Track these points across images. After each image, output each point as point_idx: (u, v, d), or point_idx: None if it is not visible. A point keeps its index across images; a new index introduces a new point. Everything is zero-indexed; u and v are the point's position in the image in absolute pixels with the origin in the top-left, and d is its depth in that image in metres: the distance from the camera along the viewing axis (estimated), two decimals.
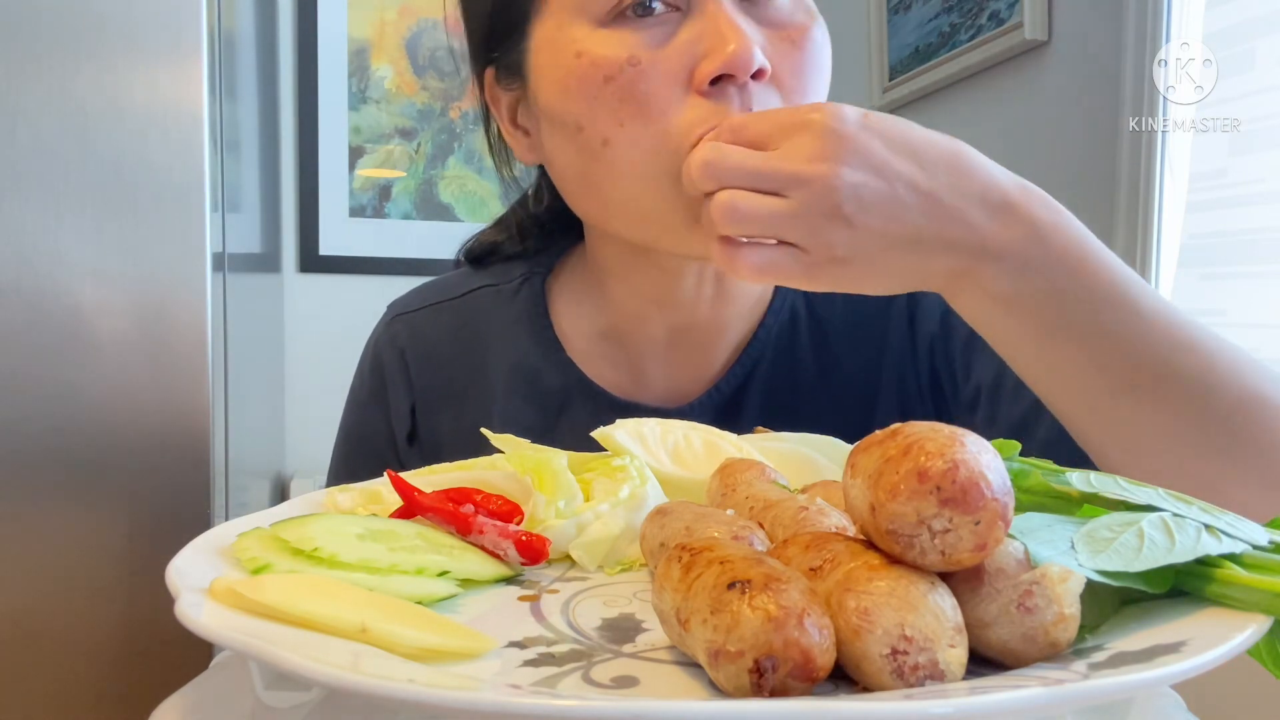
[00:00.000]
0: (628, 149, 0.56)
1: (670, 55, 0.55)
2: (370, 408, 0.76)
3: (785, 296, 0.71)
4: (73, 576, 1.27)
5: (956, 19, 1.89)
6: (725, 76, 0.54)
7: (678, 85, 0.55)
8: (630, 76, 0.54)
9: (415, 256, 2.22)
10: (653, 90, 0.54)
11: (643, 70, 0.54)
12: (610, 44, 0.55)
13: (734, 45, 0.53)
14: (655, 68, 0.54)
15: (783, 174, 0.46)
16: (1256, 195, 1.30)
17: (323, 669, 0.25)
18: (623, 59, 0.55)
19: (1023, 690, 0.24)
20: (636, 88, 0.54)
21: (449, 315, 0.75)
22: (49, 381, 1.26)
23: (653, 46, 0.55)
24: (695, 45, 0.55)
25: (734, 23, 0.54)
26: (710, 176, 0.49)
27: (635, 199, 0.58)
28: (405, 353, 0.75)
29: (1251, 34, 1.30)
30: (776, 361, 0.70)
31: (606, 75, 0.55)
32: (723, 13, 0.54)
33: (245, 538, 0.39)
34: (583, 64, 0.56)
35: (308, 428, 2.13)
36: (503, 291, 0.75)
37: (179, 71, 1.29)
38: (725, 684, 0.27)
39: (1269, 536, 0.32)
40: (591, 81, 0.55)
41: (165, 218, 1.29)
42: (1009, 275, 0.48)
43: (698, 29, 0.55)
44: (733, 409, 0.70)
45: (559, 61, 0.58)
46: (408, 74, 2.24)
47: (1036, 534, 0.31)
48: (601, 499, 0.47)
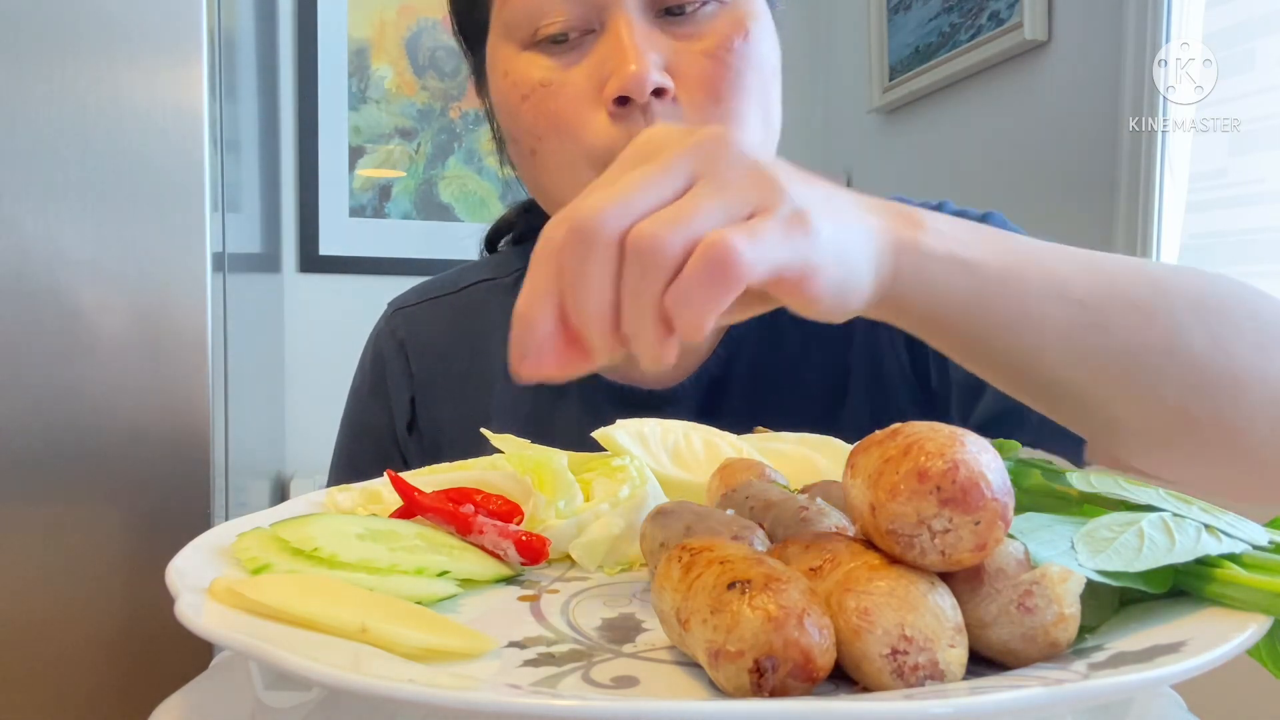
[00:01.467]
0: (547, 159, 0.60)
1: (578, 77, 0.58)
2: (371, 400, 0.77)
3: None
4: (73, 576, 1.27)
5: (956, 19, 1.89)
6: (628, 98, 0.56)
7: (586, 103, 0.58)
8: (541, 96, 0.59)
9: (415, 256, 2.22)
10: (562, 109, 0.58)
11: (553, 90, 0.59)
12: (528, 66, 0.60)
13: (632, 67, 0.55)
14: (564, 89, 0.58)
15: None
16: (1256, 195, 1.30)
17: (323, 669, 0.25)
18: (535, 80, 0.59)
19: (1023, 690, 0.24)
20: (548, 106, 0.59)
21: (447, 309, 0.78)
22: (49, 381, 1.26)
23: (565, 68, 0.59)
24: (602, 66, 0.58)
25: (634, 44, 0.56)
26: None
27: (561, 199, 0.60)
28: (405, 344, 0.77)
29: (1251, 34, 1.30)
30: (760, 340, 0.71)
31: (523, 94, 0.60)
32: (625, 33, 0.57)
33: (245, 538, 0.39)
34: (507, 83, 0.61)
35: (308, 428, 2.13)
36: (499, 285, 0.78)
37: (179, 71, 1.29)
38: (725, 684, 0.27)
39: (1269, 536, 0.32)
40: (513, 99, 0.60)
41: (165, 218, 1.29)
42: (951, 231, 0.41)
43: (604, 50, 0.58)
44: (720, 387, 0.71)
45: (494, 77, 0.63)
46: (408, 74, 2.24)
47: (1036, 534, 0.31)
48: (601, 499, 0.47)
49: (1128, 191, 1.51)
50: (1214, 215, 1.36)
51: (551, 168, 0.60)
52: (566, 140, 0.58)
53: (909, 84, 2.04)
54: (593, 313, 0.33)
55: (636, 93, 0.55)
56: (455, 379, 0.75)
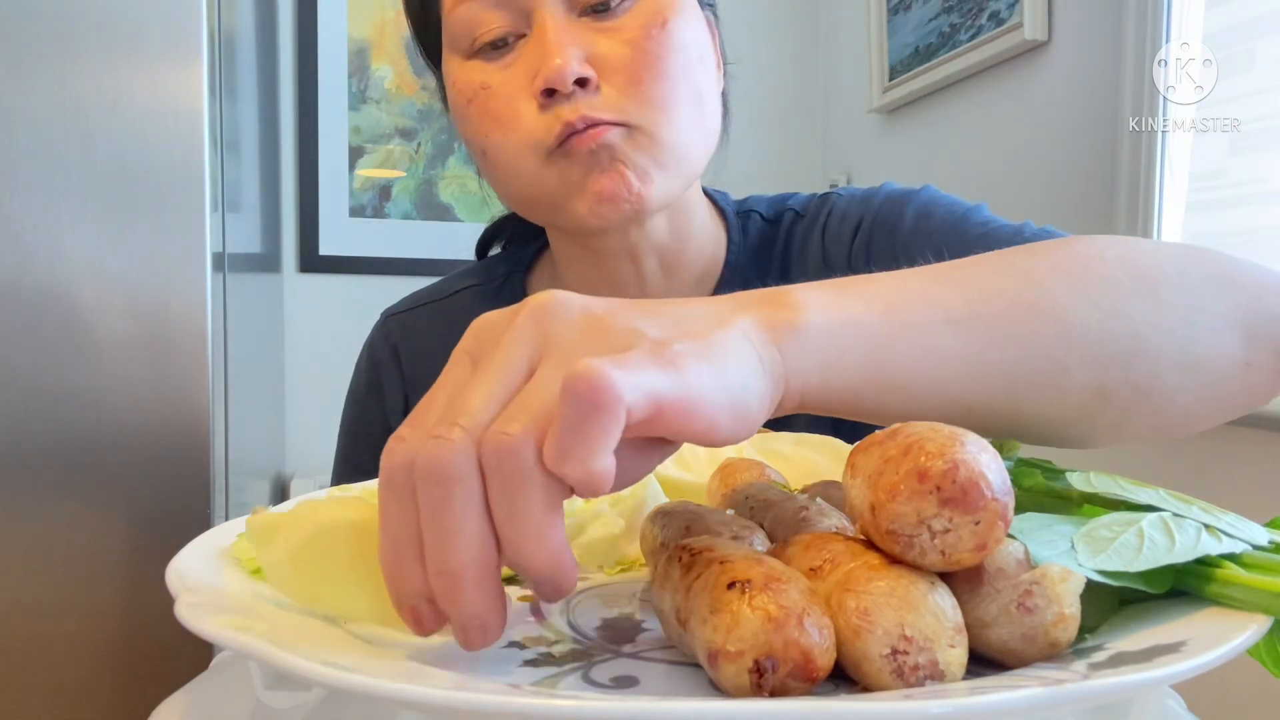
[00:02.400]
0: (496, 155, 0.65)
1: (512, 75, 0.64)
2: (368, 401, 0.80)
3: (734, 268, 0.75)
4: (73, 576, 1.27)
5: (956, 19, 1.89)
6: (553, 90, 0.61)
7: (522, 99, 0.63)
8: (484, 98, 0.65)
9: (415, 256, 2.22)
10: (500, 107, 0.64)
11: (492, 91, 0.64)
12: (469, 72, 0.66)
13: (556, 60, 0.60)
14: (502, 88, 0.64)
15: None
16: (1256, 195, 1.30)
17: (323, 669, 0.25)
18: (477, 84, 0.65)
19: (1023, 690, 0.24)
20: (489, 105, 0.64)
21: (437, 314, 0.81)
22: (49, 381, 1.26)
23: (501, 70, 0.64)
24: (531, 63, 0.63)
25: (556, 40, 0.61)
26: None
27: (520, 189, 0.66)
28: (398, 348, 0.80)
29: (1251, 34, 1.30)
30: None
31: (468, 98, 0.65)
32: (546, 31, 0.62)
33: (245, 538, 0.39)
34: (455, 91, 0.67)
35: (308, 428, 2.13)
36: (486, 291, 0.81)
37: (179, 71, 1.29)
38: (725, 684, 0.27)
39: (1269, 536, 0.32)
40: (460, 104, 0.66)
41: (165, 218, 1.29)
42: (822, 297, 0.37)
43: (531, 49, 0.63)
44: None
45: (447, 88, 0.69)
46: (408, 74, 2.24)
47: (1036, 534, 0.31)
48: (601, 499, 0.47)
49: (1128, 191, 1.51)
50: (1214, 215, 1.36)
51: (500, 163, 0.65)
52: (508, 134, 0.64)
53: (909, 84, 2.04)
54: (471, 559, 0.28)
55: (560, 83, 0.60)
56: None
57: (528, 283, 0.80)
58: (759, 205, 0.78)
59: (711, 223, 0.76)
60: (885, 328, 0.37)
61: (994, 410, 0.39)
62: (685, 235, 0.73)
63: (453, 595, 0.28)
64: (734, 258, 0.74)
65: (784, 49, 2.47)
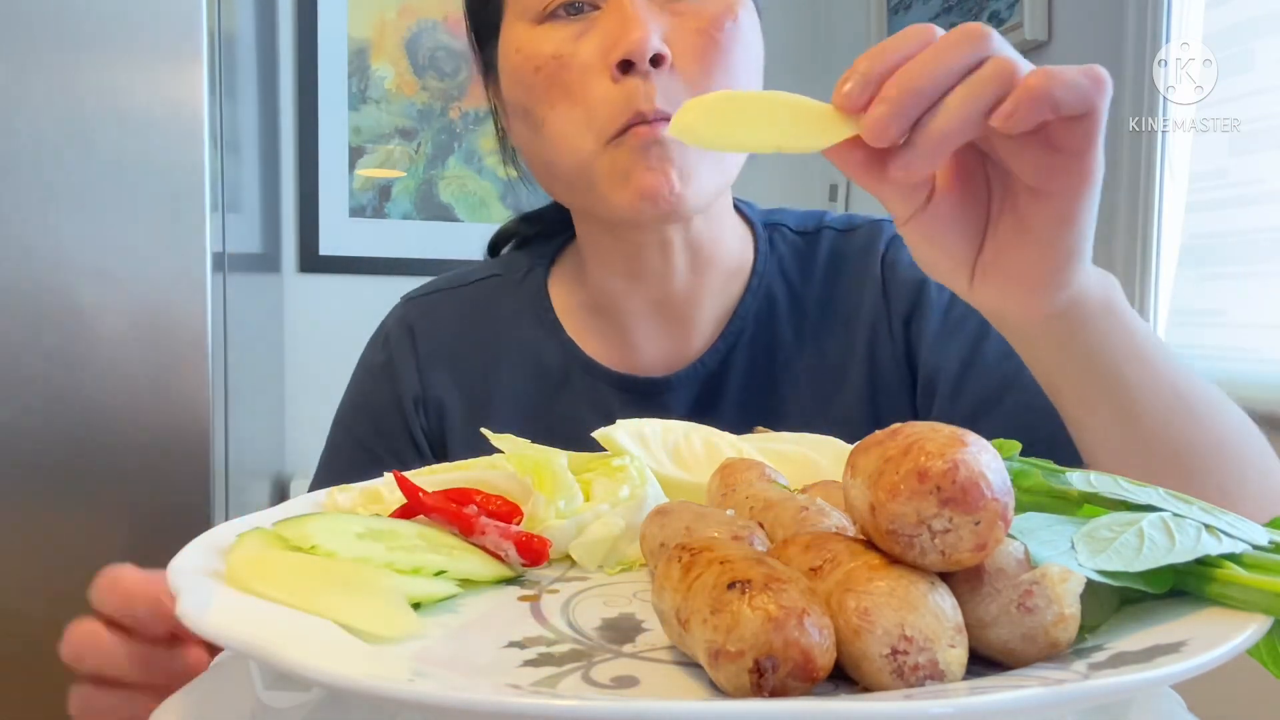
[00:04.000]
0: (559, 126, 0.65)
1: (586, 47, 0.64)
2: (379, 378, 0.79)
3: (762, 277, 0.75)
4: (73, 576, 1.26)
5: (956, 19, 1.89)
6: (630, 63, 0.61)
7: (594, 72, 0.63)
8: (554, 67, 0.64)
9: (415, 256, 2.22)
10: (572, 78, 0.64)
11: (564, 60, 0.64)
12: (540, 40, 0.65)
13: (635, 33, 0.61)
14: (574, 59, 0.64)
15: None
16: (1256, 195, 1.30)
17: (323, 669, 0.25)
18: (548, 52, 0.64)
19: (1023, 690, 0.24)
20: (560, 75, 0.64)
21: (458, 300, 0.81)
22: (49, 381, 1.26)
23: (574, 40, 0.64)
24: (607, 36, 0.63)
25: (635, 14, 0.62)
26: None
27: (568, 167, 0.66)
28: (414, 328, 0.79)
29: (1251, 34, 1.30)
30: (756, 337, 0.74)
31: (536, 66, 0.65)
32: (627, 6, 0.62)
33: (245, 538, 0.39)
34: (521, 57, 0.66)
35: (308, 428, 2.13)
36: (509, 281, 0.81)
37: (179, 71, 1.29)
38: (725, 684, 0.27)
39: (1269, 536, 0.32)
40: (526, 72, 0.66)
41: (165, 218, 1.29)
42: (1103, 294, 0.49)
43: (608, 21, 0.63)
44: (718, 379, 0.74)
45: (507, 57, 0.68)
46: (408, 74, 2.24)
47: (1036, 534, 0.31)
48: (601, 499, 0.47)
49: (1128, 191, 1.51)
50: (1214, 215, 1.36)
51: (557, 134, 0.65)
52: (575, 107, 0.64)
53: None
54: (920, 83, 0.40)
55: (638, 56, 0.60)
56: (462, 363, 0.77)
57: (550, 277, 0.80)
58: (786, 219, 0.79)
59: (740, 228, 0.77)
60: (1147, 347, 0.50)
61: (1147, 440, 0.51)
62: (717, 236, 0.73)
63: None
64: (762, 265, 0.75)
65: (784, 49, 2.47)
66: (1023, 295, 0.46)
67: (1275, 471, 0.54)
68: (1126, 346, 0.49)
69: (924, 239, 0.47)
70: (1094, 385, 0.50)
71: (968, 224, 0.46)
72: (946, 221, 0.46)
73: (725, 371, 0.74)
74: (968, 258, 0.47)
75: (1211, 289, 1.36)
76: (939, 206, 0.46)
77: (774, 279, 0.75)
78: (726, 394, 0.73)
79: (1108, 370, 0.49)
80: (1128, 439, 0.51)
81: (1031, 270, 0.45)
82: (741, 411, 0.72)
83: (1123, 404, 0.50)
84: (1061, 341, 0.49)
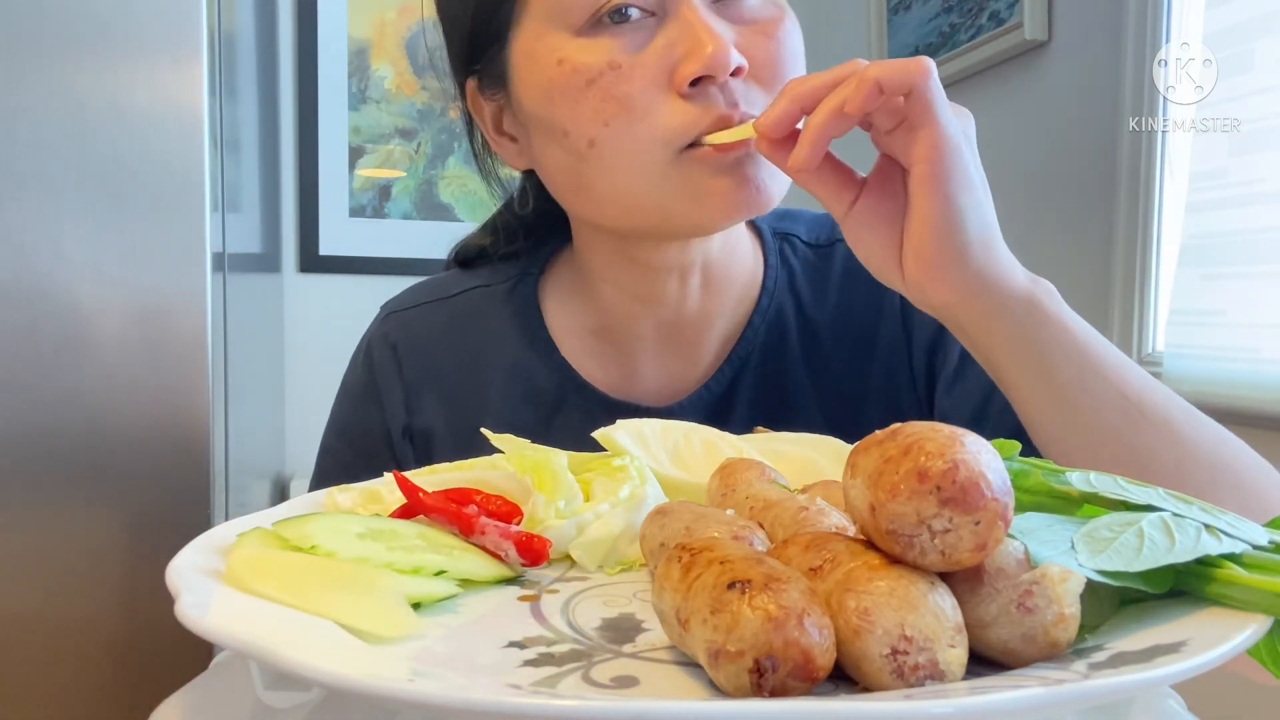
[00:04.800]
0: (614, 146, 0.59)
1: (649, 59, 0.58)
2: (363, 401, 0.76)
3: (772, 296, 0.72)
4: (73, 577, 1.27)
5: (956, 19, 1.89)
6: (705, 77, 0.57)
7: (658, 87, 0.58)
8: (611, 79, 0.58)
9: (415, 256, 2.22)
10: (634, 92, 0.58)
11: (624, 73, 0.58)
12: (590, 51, 0.59)
13: (711, 47, 0.56)
14: (635, 71, 0.58)
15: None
16: (1256, 195, 1.30)
17: (323, 669, 0.25)
18: (603, 63, 0.58)
19: (1023, 690, 0.24)
20: (618, 89, 0.58)
21: (442, 314, 0.76)
22: (49, 381, 1.26)
23: (631, 51, 0.58)
24: (673, 49, 0.58)
25: (709, 25, 0.57)
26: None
27: (626, 192, 0.61)
28: (397, 347, 0.75)
29: (1251, 34, 1.30)
30: (765, 360, 0.71)
31: (588, 79, 0.58)
32: (697, 16, 0.58)
33: (245, 538, 0.39)
34: (564, 70, 0.59)
35: (308, 428, 2.13)
36: (495, 292, 0.76)
37: (179, 71, 1.29)
38: (725, 684, 0.27)
39: (1269, 536, 0.32)
40: (574, 86, 0.59)
41: (165, 218, 1.29)
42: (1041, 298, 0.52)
43: (674, 33, 0.58)
44: (723, 407, 0.71)
45: (540, 69, 0.61)
46: (408, 74, 2.24)
47: (1036, 534, 0.31)
48: (601, 499, 0.47)
49: (1128, 191, 1.51)
50: (1214, 215, 1.36)
51: (617, 153, 0.59)
52: (637, 123, 0.58)
53: None
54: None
55: (721, 70, 0.57)
56: (449, 386, 0.73)
57: (541, 286, 0.76)
58: (797, 228, 0.75)
59: (749, 240, 0.74)
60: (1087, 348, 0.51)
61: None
62: (732, 251, 0.71)
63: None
64: (772, 282, 0.72)
65: None
66: (934, 276, 0.50)
67: (1260, 485, 0.52)
68: (1059, 346, 0.51)
69: (855, 236, 0.52)
70: (1032, 384, 0.52)
71: (889, 217, 0.51)
72: (872, 216, 0.51)
73: (731, 399, 0.71)
74: (893, 249, 0.51)
75: (1211, 289, 1.36)
76: (863, 203, 0.51)
77: (784, 298, 0.72)
78: (733, 422, 0.69)
79: (1041, 369, 0.51)
80: (1080, 445, 0.52)
81: (934, 251, 0.49)
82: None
83: (1067, 407, 0.52)
84: (984, 328, 0.52)
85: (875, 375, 0.70)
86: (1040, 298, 0.51)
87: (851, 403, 0.70)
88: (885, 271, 0.52)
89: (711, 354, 0.72)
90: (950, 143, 0.48)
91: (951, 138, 0.48)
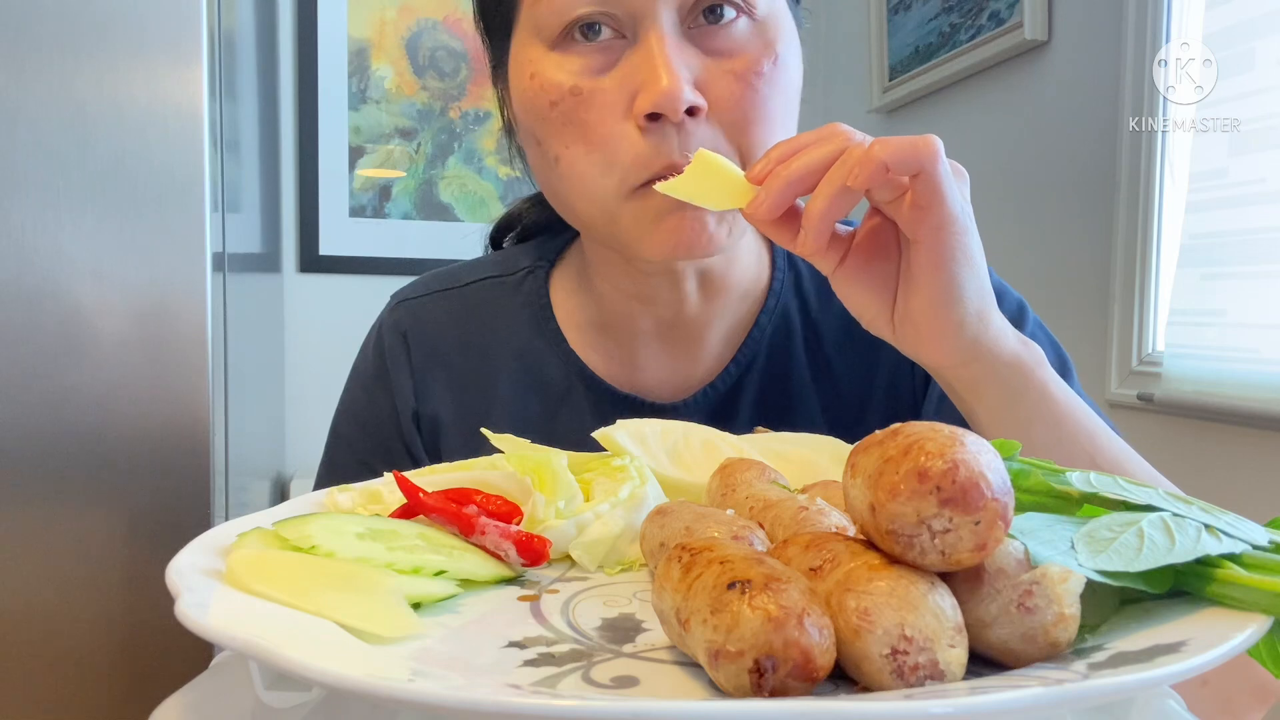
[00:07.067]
0: (572, 168, 0.60)
1: (609, 86, 0.57)
2: (375, 387, 0.76)
3: (778, 298, 0.72)
4: (73, 577, 1.27)
5: (956, 19, 1.89)
6: (660, 114, 0.56)
7: (617, 115, 0.57)
8: (571, 105, 0.58)
9: (415, 256, 2.22)
10: (592, 119, 0.58)
11: (584, 99, 0.58)
12: (559, 68, 0.59)
13: (665, 83, 0.55)
14: (594, 98, 0.58)
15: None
16: (1256, 195, 1.30)
17: (323, 669, 0.25)
18: (566, 87, 0.58)
19: (1023, 690, 0.24)
20: (578, 115, 0.58)
21: (453, 302, 0.76)
22: (49, 381, 1.26)
23: (595, 74, 0.58)
24: (633, 77, 0.57)
25: (668, 59, 0.55)
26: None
27: (585, 213, 0.62)
28: (407, 335, 0.75)
29: (1251, 34, 1.30)
30: (770, 363, 0.71)
31: (552, 101, 0.59)
32: (659, 47, 0.56)
33: (245, 538, 0.39)
34: (534, 85, 0.60)
35: (308, 428, 2.13)
36: (506, 283, 0.76)
37: (179, 71, 1.29)
38: (725, 684, 0.27)
39: (1269, 536, 0.32)
40: (540, 104, 0.60)
41: (165, 218, 1.29)
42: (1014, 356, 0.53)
43: (636, 60, 0.57)
44: (727, 407, 0.71)
45: (519, 79, 0.62)
46: (408, 74, 2.24)
47: (1036, 534, 0.31)
48: (601, 499, 0.47)
49: (1128, 191, 1.51)
50: (1214, 215, 1.36)
51: (573, 177, 0.60)
52: (594, 151, 0.58)
53: (909, 84, 2.04)
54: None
55: (670, 111, 0.55)
56: (457, 374, 0.74)
57: (552, 278, 0.76)
58: None
59: (755, 245, 0.73)
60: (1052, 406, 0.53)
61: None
62: (732, 258, 0.70)
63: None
64: (778, 285, 0.72)
65: None
66: (929, 342, 0.50)
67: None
68: (1039, 412, 0.52)
69: (844, 292, 0.52)
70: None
71: (881, 278, 0.51)
72: (861, 275, 0.51)
73: (736, 399, 0.71)
74: (885, 307, 0.51)
75: (1211, 289, 1.36)
76: (853, 261, 0.51)
77: (790, 301, 0.72)
78: (737, 422, 0.70)
79: (1018, 432, 0.52)
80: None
81: (930, 322, 0.49)
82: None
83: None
84: (971, 388, 0.53)
85: (878, 379, 0.70)
86: (1028, 364, 0.52)
87: (854, 406, 0.70)
88: (876, 326, 0.53)
89: (715, 353, 0.72)
90: (959, 224, 0.47)
91: (960, 219, 0.47)
